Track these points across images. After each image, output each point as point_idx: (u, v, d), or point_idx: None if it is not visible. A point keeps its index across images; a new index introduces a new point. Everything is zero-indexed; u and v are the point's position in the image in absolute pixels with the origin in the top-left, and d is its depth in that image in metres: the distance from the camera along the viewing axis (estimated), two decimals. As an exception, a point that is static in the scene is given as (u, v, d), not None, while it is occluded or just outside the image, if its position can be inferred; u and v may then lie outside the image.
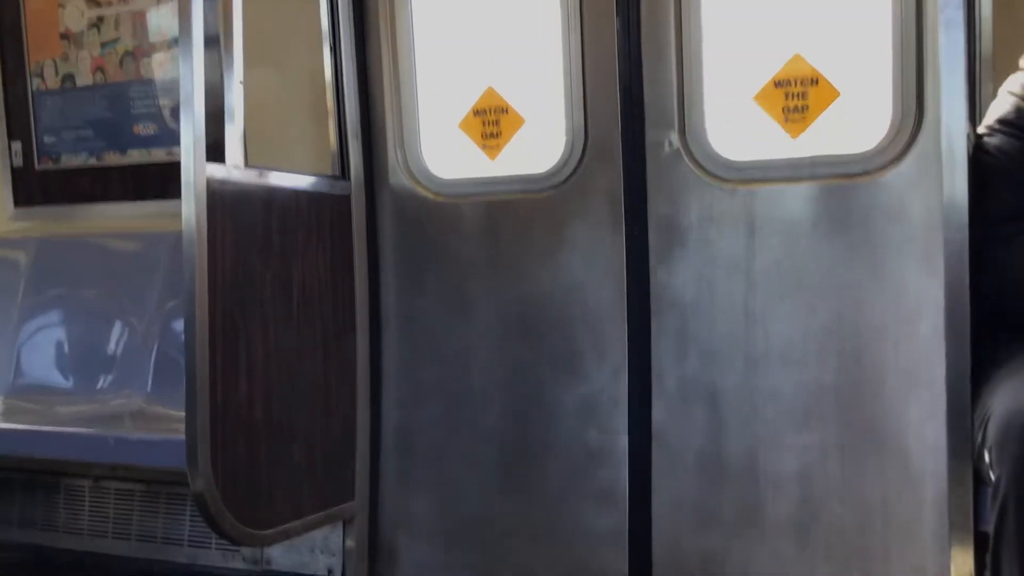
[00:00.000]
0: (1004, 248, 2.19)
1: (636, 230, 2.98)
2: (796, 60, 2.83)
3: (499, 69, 3.21)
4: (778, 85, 2.84)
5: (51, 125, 4.11)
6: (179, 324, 3.48)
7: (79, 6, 3.99)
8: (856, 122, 2.79)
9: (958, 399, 2.06)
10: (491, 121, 3.21)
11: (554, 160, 3.10)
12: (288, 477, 2.96)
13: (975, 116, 2.53)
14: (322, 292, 3.10)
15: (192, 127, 2.61)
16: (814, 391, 2.82)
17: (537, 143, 3.16)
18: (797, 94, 2.82)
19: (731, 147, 2.90)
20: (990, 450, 1.90)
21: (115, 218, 3.96)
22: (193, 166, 2.62)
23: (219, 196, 2.72)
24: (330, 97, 3.22)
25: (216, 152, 2.74)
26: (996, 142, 2.28)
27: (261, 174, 2.89)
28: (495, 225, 3.19)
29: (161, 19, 3.84)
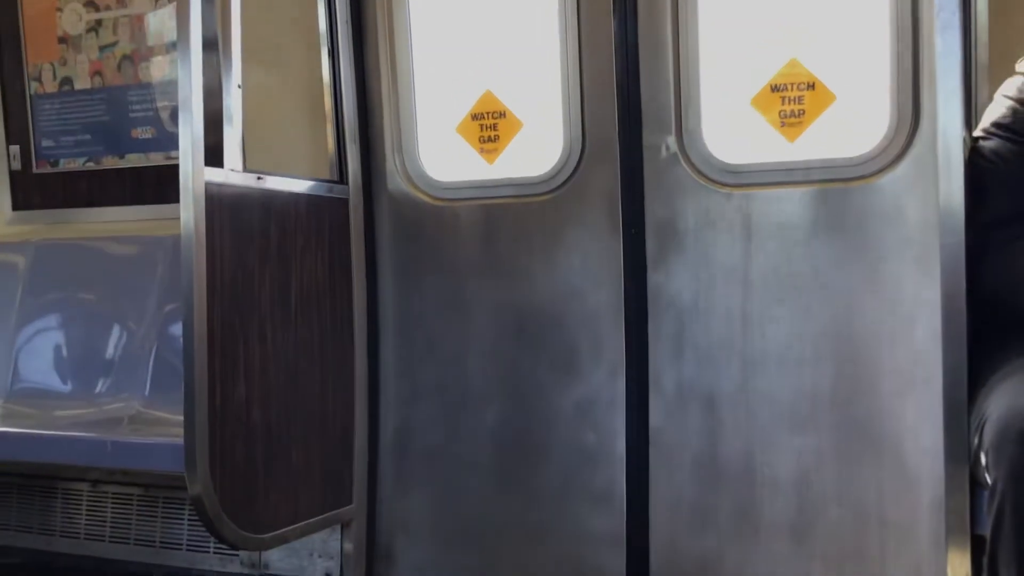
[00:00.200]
0: (999, 252, 2.20)
1: (633, 233, 2.98)
2: (792, 64, 2.84)
3: (497, 73, 3.22)
4: (775, 89, 2.85)
5: (49, 129, 4.10)
6: (177, 328, 3.48)
7: (77, 10, 3.99)
8: (852, 126, 2.80)
9: (954, 402, 2.06)
10: (489, 125, 3.22)
11: (551, 164, 3.11)
12: (286, 480, 2.96)
13: (971, 120, 2.54)
14: (320, 296, 3.10)
15: (190, 131, 2.61)
16: (810, 394, 2.83)
17: (535, 147, 3.17)
18: (793, 98, 2.83)
19: (728, 151, 2.91)
20: (986, 453, 1.90)
21: (113, 222, 3.95)
22: (191, 170, 2.62)
23: (217, 200, 2.72)
24: (328, 101, 3.23)
25: (214, 156, 2.74)
26: (991, 146, 2.28)
27: (259, 178, 2.89)
28: (493, 228, 3.19)
29: (159, 23, 3.84)
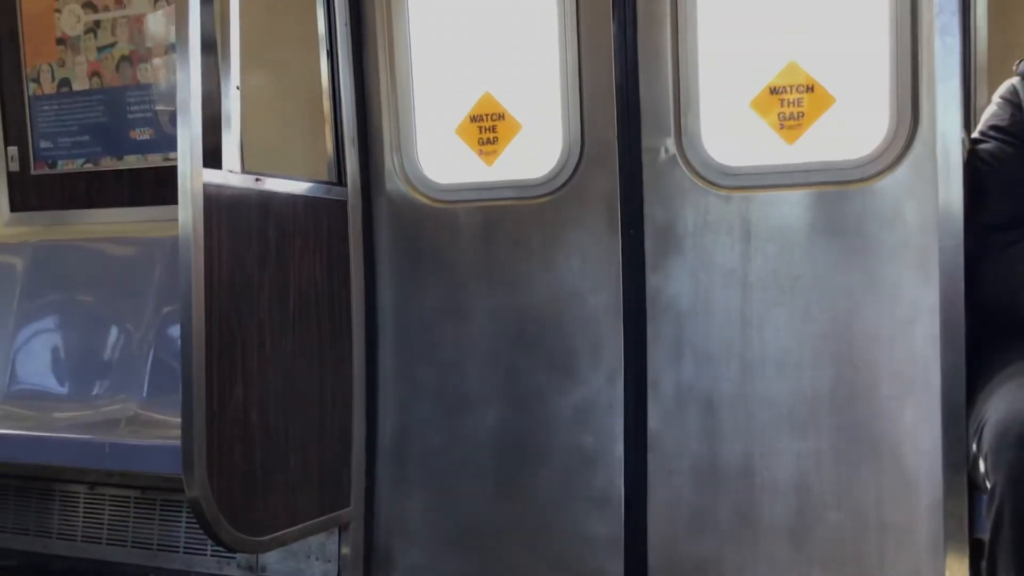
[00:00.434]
0: (998, 255, 2.19)
1: (632, 236, 2.98)
2: (792, 67, 2.83)
3: (496, 75, 3.21)
4: (774, 92, 2.85)
5: (47, 130, 4.10)
6: (175, 329, 3.48)
7: (75, 11, 3.99)
8: (851, 129, 2.79)
9: (953, 405, 2.06)
10: (488, 127, 3.22)
11: (550, 166, 3.10)
12: (284, 483, 2.96)
13: (970, 123, 2.54)
14: (319, 298, 3.10)
15: (189, 132, 2.61)
16: (809, 397, 2.82)
17: (534, 149, 3.16)
18: (793, 101, 2.83)
19: (727, 153, 2.90)
20: (985, 457, 1.90)
21: (111, 223, 3.95)
22: (190, 171, 2.62)
23: (216, 201, 2.71)
24: (327, 102, 3.23)
25: (213, 157, 2.73)
26: (990, 148, 2.28)
27: (258, 179, 2.89)
28: (492, 231, 3.19)
29: (158, 24, 3.84)
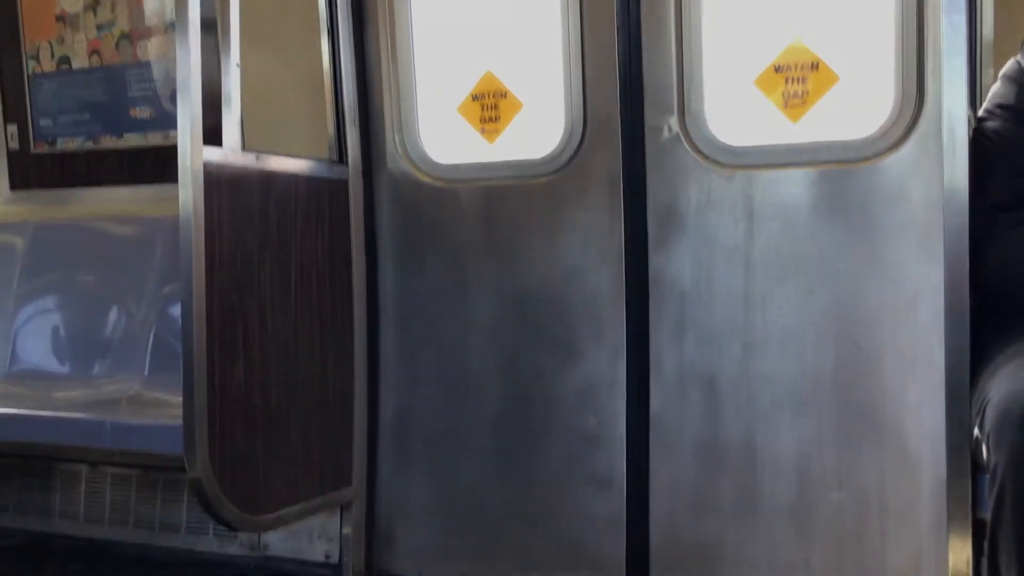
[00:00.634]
0: (1003, 233, 2.18)
1: (634, 215, 2.97)
2: (796, 44, 2.81)
3: (498, 53, 3.19)
4: (778, 70, 2.83)
5: (47, 108, 4.08)
6: (176, 309, 3.47)
7: (75, -12, 3.97)
8: (856, 107, 2.77)
9: (956, 385, 2.06)
10: (490, 105, 3.20)
11: (553, 145, 3.09)
12: (286, 463, 2.96)
13: (976, 101, 2.53)
14: (320, 277, 3.09)
15: (189, 110, 2.59)
16: (812, 376, 2.81)
17: (536, 128, 3.14)
18: (797, 79, 2.81)
19: (730, 132, 2.89)
20: (987, 437, 1.89)
21: (112, 202, 3.94)
22: (190, 150, 2.60)
23: (216, 180, 2.70)
24: (328, 81, 3.21)
25: (213, 136, 2.72)
26: (996, 126, 2.27)
27: (258, 158, 2.88)
28: (493, 210, 3.18)
29: (157, 1, 3.81)
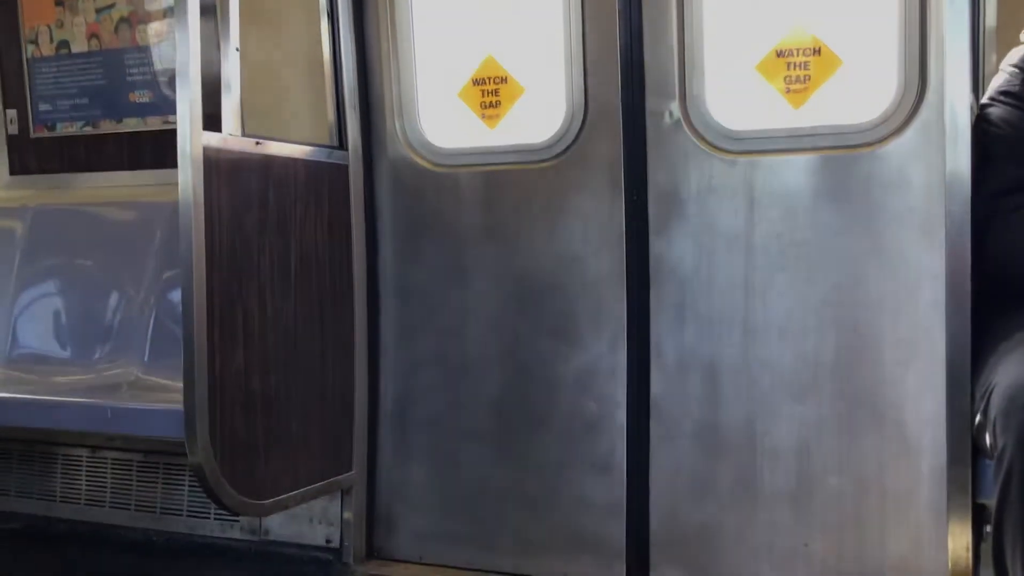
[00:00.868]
0: (1005, 220, 2.18)
1: (635, 200, 2.96)
2: (798, 30, 2.80)
3: (499, 38, 3.18)
4: (780, 55, 2.82)
5: (46, 93, 4.06)
6: (176, 294, 3.47)
7: (74, -29, 3.94)
8: (858, 93, 2.77)
9: (957, 371, 2.05)
10: (490, 91, 3.19)
11: (554, 130, 3.08)
12: (286, 447, 2.96)
13: (978, 87, 2.52)
14: (320, 262, 3.09)
15: (188, 94, 2.59)
16: (812, 362, 2.82)
17: (537, 113, 3.13)
18: (799, 64, 2.80)
19: (732, 117, 2.88)
20: (993, 421, 1.89)
21: (111, 187, 3.93)
22: (189, 134, 2.60)
23: (215, 165, 2.70)
24: (328, 65, 3.20)
25: (212, 121, 2.71)
26: (998, 113, 2.27)
27: (258, 143, 2.87)
28: (494, 195, 3.17)
29: (157, -15, 3.80)
